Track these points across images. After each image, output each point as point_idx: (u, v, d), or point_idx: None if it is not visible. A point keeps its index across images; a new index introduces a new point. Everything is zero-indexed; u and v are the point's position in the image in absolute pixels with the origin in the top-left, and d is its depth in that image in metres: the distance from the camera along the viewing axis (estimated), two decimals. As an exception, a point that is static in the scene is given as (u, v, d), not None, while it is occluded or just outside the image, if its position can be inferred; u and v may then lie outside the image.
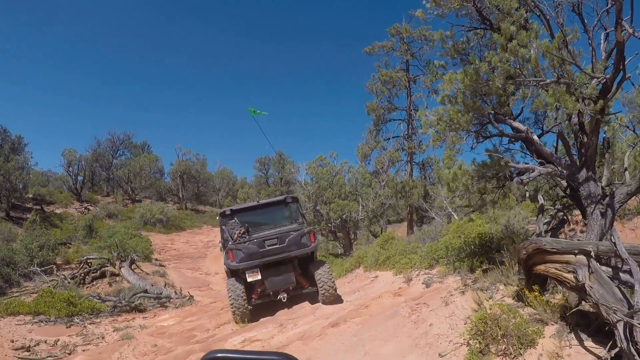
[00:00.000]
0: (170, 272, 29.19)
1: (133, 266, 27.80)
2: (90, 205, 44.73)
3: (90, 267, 26.52)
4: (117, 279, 25.86)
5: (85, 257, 26.76)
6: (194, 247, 36.48)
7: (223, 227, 11.96)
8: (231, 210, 12.24)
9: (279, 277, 10.80)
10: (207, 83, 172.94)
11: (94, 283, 25.73)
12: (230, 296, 10.73)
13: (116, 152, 54.42)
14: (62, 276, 25.80)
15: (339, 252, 29.72)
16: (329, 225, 27.35)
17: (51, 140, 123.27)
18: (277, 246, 10.64)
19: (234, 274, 11.56)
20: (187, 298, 19.24)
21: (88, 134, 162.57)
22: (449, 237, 12.58)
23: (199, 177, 56.90)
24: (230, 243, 11.19)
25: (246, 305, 10.67)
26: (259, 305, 11.54)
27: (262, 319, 11.33)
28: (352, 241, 28.78)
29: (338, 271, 20.67)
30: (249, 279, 10.61)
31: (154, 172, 54.94)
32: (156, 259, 31.73)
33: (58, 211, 41.20)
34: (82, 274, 25.95)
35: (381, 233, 30.69)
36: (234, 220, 11.86)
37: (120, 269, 26.34)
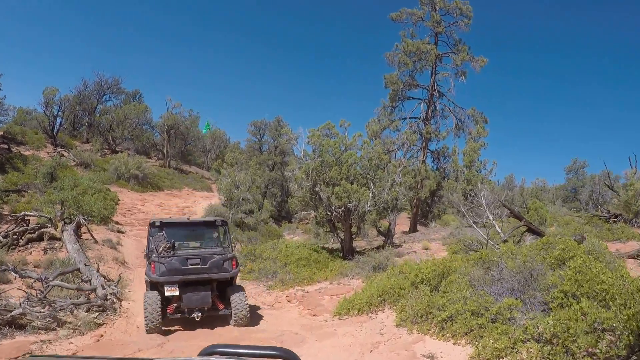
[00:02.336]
0: (128, 241, 24.50)
1: (82, 229, 23.06)
2: (65, 151, 39.79)
3: (27, 225, 21.73)
4: (57, 244, 21.14)
5: (22, 213, 21.90)
6: (166, 212, 31.76)
7: (150, 237, 11.58)
8: (161, 222, 11.81)
9: (197, 296, 10.62)
10: (207, 38, 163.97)
11: (29, 246, 21.05)
12: (145, 308, 10.52)
13: (102, 96, 49.19)
14: (-6, 232, 21.02)
15: (334, 248, 24.84)
16: (329, 213, 22.27)
17: (35, 78, 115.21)
18: (198, 266, 10.43)
19: (154, 286, 11.30)
20: (115, 302, 14.25)
21: (75, 76, 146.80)
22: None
23: (187, 135, 51.73)
24: (154, 255, 10.96)
25: (159, 319, 10.42)
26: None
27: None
28: (353, 236, 23.90)
29: (337, 300, 14.77)
30: (167, 293, 10.51)
31: (141, 123, 49.70)
32: (116, 223, 26.98)
33: (27, 153, 36.19)
34: (17, 234, 21.17)
35: (388, 229, 25.86)
36: (162, 233, 11.41)
37: (62, 232, 21.54)
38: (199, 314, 10.70)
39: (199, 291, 10.58)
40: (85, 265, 17.06)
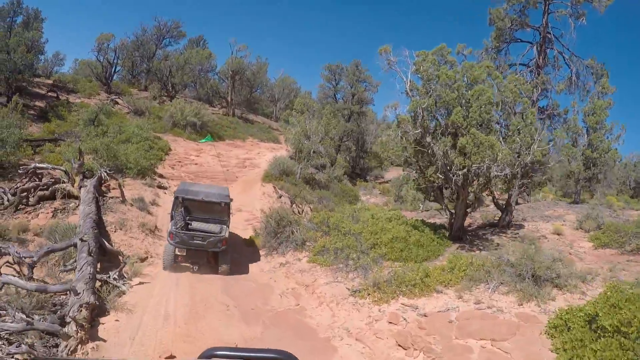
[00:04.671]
0: (168, 200, 18.59)
1: (109, 185, 17.42)
2: (119, 98, 34.89)
3: (40, 181, 16.28)
4: (72, 203, 15.54)
5: (33, 166, 16.41)
6: (224, 164, 25.86)
7: (174, 210, 13.85)
8: (182, 198, 13.78)
9: (195, 256, 13.14)
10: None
11: (39, 206, 15.60)
12: (164, 256, 13.03)
13: (161, 40, 43.82)
14: (1, 189, 15.71)
15: (437, 224, 17.52)
16: (441, 176, 14.84)
17: (94, 28, 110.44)
18: (200, 242, 12.91)
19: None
20: (83, 322, 8.02)
21: (134, 23, 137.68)
22: None
23: (254, 82, 45.43)
24: (172, 227, 13.21)
25: (172, 263, 12.89)
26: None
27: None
28: (467, 212, 16.42)
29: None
30: (177, 252, 12.97)
31: (204, 70, 43.93)
32: (160, 176, 21.21)
33: (77, 101, 31.38)
34: (27, 191, 15.76)
35: (507, 203, 17.93)
36: (181, 209, 13.84)
37: (80, 188, 15.88)
38: (196, 267, 13.16)
39: (198, 254, 13.19)
40: (82, 240, 10.99)
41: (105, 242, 12.74)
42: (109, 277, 10.31)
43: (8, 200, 15.40)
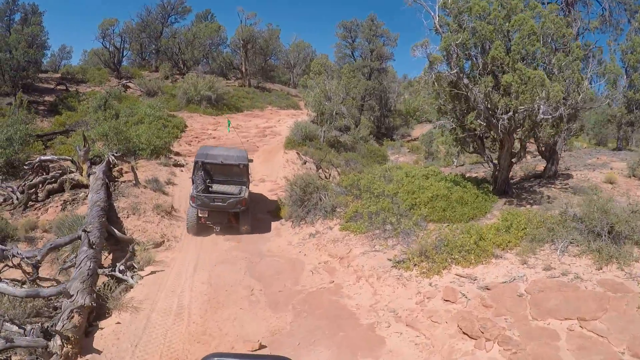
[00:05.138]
0: (185, 177, 17.22)
1: (122, 169, 16.16)
2: (130, 82, 33.52)
3: (47, 174, 15.11)
4: (82, 192, 14.32)
5: (37, 159, 15.20)
6: (244, 135, 24.24)
7: (194, 174, 14.13)
8: (202, 162, 14.04)
9: (217, 218, 13.30)
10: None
11: (48, 200, 14.44)
12: (187, 217, 13.33)
13: (167, 18, 41.80)
14: (10, 189, 14.64)
15: (479, 179, 15.51)
16: (483, 123, 12.65)
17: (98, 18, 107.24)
18: (220, 203, 13.04)
19: None
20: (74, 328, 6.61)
21: (138, 5, 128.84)
22: None
23: (267, 49, 43.28)
24: (193, 191, 13.37)
25: (195, 225, 13.18)
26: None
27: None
28: (512, 163, 14.29)
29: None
30: (200, 214, 13.09)
31: (215, 43, 42.04)
32: (176, 154, 19.80)
33: (87, 90, 30.19)
34: (33, 187, 14.65)
35: (552, 151, 15.57)
36: (201, 173, 14.19)
37: (89, 176, 14.60)
38: (218, 228, 13.39)
39: (219, 215, 13.33)
40: (85, 231, 9.61)
41: (115, 230, 11.42)
42: (114, 270, 8.92)
43: (17, 199, 14.32)
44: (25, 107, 22.58)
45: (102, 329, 6.89)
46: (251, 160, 15.35)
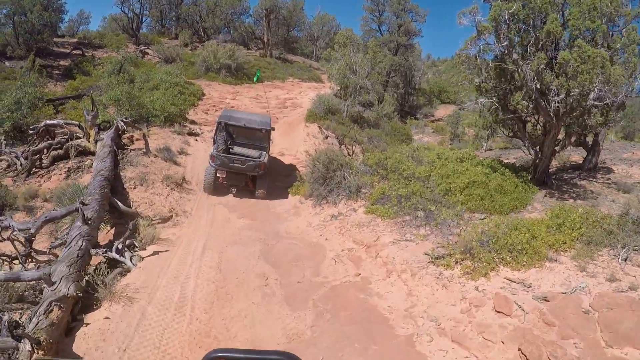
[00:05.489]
0: (200, 147, 16.09)
1: (133, 136, 15.01)
2: (148, 49, 32.16)
3: (52, 139, 14.02)
4: (88, 160, 13.19)
5: (43, 124, 14.06)
6: (262, 105, 22.78)
7: (216, 134, 14.02)
8: (225, 123, 13.83)
9: (235, 179, 13.31)
10: None
11: (52, 167, 13.35)
12: (205, 176, 13.28)
13: (188, -16, 40.01)
14: (14, 154, 13.59)
15: (516, 166, 13.95)
16: (527, 104, 11.08)
17: None
18: (239, 165, 13.00)
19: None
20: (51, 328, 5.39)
21: None
22: None
23: (290, 20, 41.40)
24: (214, 150, 13.33)
25: (212, 184, 13.18)
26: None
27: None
28: (555, 152, 12.67)
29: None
30: (218, 174, 13.10)
31: (237, 13, 40.24)
32: (192, 122, 18.51)
33: (103, 55, 28.93)
34: (38, 153, 13.60)
35: (594, 142, 13.73)
36: (223, 134, 13.91)
37: (96, 142, 13.47)
38: (235, 189, 13.52)
39: (237, 177, 13.28)
40: (83, 204, 8.45)
41: (119, 202, 10.24)
42: (110, 249, 7.69)
43: (21, 165, 13.28)
44: (37, 70, 21.47)
45: (87, 324, 5.69)
46: (273, 128, 15.08)
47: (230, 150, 14.19)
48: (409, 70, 36.92)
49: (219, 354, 1.60)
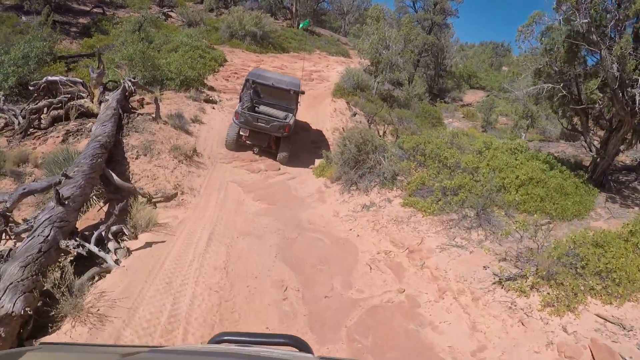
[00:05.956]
0: (217, 116, 14.39)
1: (144, 99, 13.26)
2: (172, 11, 30.09)
3: (54, 97, 12.31)
4: (90, 123, 11.46)
5: (44, 79, 12.32)
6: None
7: (243, 92, 13.54)
8: (252, 81, 13.26)
9: (258, 139, 12.62)
10: None
11: (51, 129, 11.66)
12: (228, 133, 12.79)
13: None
14: (13, 112, 11.92)
15: (571, 162, 11.95)
16: (600, 94, 9.24)
17: None
18: (263, 124, 12.31)
19: None
20: None
21: None
22: None
23: (320, -8, 38.97)
24: (239, 107, 12.70)
25: (234, 142, 12.70)
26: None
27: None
28: (618, 152, 10.62)
29: None
30: (241, 132, 12.56)
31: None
32: (210, 89, 16.64)
33: (124, 15, 27.00)
34: (37, 111, 11.92)
35: None
36: (250, 92, 13.37)
37: (99, 104, 11.75)
38: (257, 149, 12.76)
39: (260, 136, 12.55)
40: (66, 176, 6.68)
41: (114, 174, 8.48)
42: (81, 244, 5.85)
43: (19, 124, 11.62)
44: (51, 25, 19.70)
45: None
46: (303, 92, 14.28)
47: (256, 108, 13.46)
48: (441, 52, 34.44)
49: (225, 337, 1.59)
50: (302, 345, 1.67)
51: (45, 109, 12.17)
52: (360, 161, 10.45)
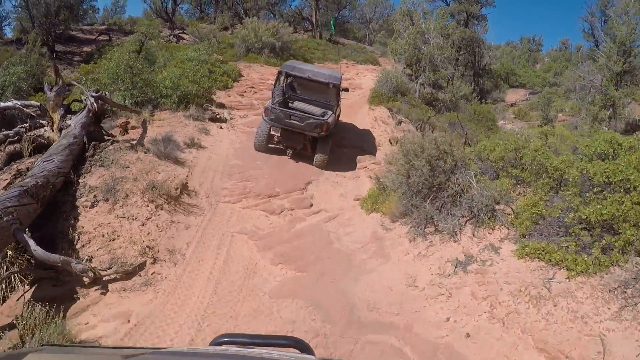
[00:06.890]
0: (225, 136, 10.77)
1: (125, 121, 9.78)
2: (183, 32, 27.22)
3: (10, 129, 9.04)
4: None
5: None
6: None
7: (275, 87, 11.90)
8: (286, 73, 11.96)
9: (291, 139, 11.13)
10: None
11: (7, 168, 8.33)
12: (257, 133, 11.30)
13: (230, -37, 34.78)
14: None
15: None
16: None
17: None
18: (296, 122, 10.83)
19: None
20: None
21: None
22: None
23: (340, 1, 35.50)
24: (269, 103, 11.31)
25: (264, 143, 11.19)
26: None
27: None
28: None
29: None
30: (272, 132, 11.14)
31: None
32: (220, 105, 13.19)
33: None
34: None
35: None
36: (282, 86, 12.02)
37: (59, 130, 8.29)
38: (291, 151, 11.21)
39: (293, 137, 11.03)
40: None
41: (30, 242, 4.86)
42: None
43: (-35, 163, 8.33)
44: (39, 51, 16.91)
45: None
46: (346, 89, 12.99)
47: (289, 104, 11.78)
48: (479, 48, 30.35)
49: (226, 339, 1.53)
50: (303, 347, 1.59)
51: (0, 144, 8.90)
52: (436, 185, 6.50)
